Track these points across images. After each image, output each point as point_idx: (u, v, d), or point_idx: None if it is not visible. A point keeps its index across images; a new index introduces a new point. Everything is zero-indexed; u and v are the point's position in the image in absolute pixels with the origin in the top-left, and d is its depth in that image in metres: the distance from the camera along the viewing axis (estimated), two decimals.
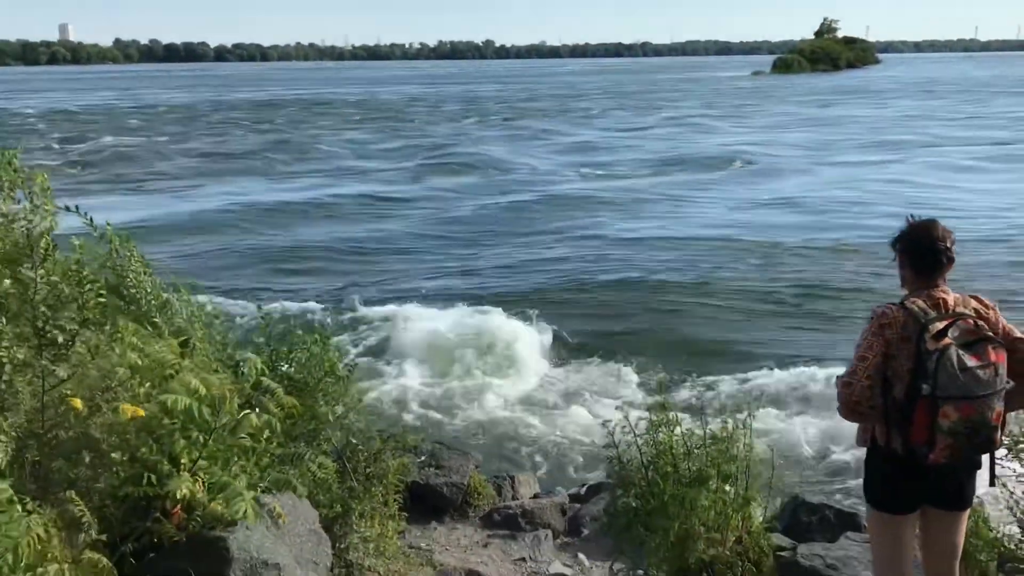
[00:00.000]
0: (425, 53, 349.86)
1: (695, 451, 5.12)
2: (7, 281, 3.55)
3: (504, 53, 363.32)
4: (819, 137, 40.90)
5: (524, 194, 25.60)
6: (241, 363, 4.88)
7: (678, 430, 5.15)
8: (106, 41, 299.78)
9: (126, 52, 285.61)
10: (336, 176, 30.86)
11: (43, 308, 3.39)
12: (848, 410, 3.40)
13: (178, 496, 3.63)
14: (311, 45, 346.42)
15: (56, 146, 40.38)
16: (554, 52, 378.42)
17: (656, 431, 5.11)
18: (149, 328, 4.45)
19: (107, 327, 3.69)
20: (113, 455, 3.43)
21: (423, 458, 6.68)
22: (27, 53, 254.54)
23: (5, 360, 3.12)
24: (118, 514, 3.66)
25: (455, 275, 16.24)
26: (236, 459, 4.12)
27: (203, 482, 3.86)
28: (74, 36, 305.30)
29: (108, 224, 4.43)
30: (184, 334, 4.81)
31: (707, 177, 28.88)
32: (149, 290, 4.77)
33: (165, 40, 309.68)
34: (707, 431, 5.20)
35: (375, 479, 5.39)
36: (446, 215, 22.85)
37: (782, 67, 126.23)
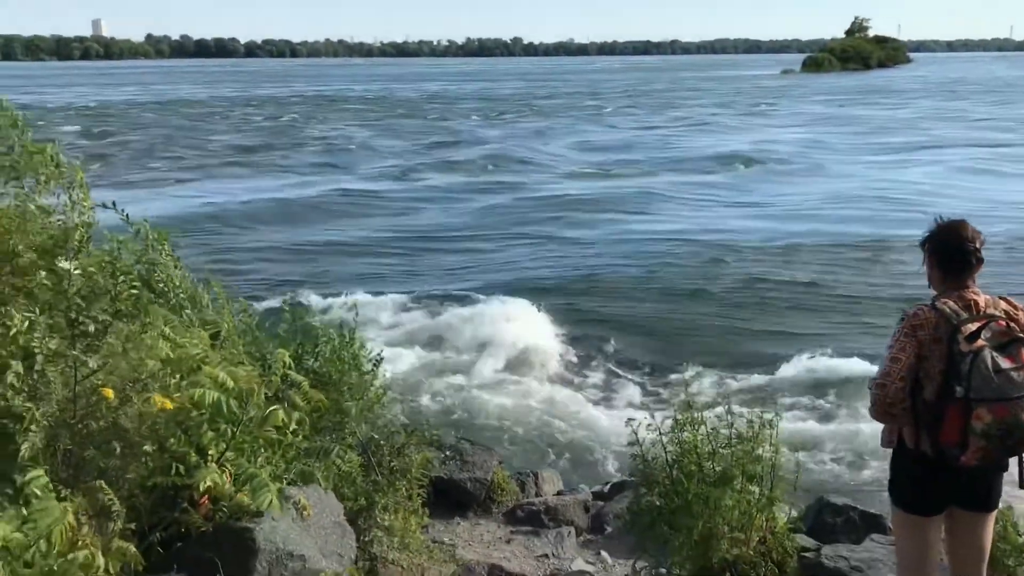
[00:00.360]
0: (453, 50, 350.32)
1: (720, 450, 5.11)
2: (42, 273, 3.62)
3: (532, 51, 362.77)
4: (835, 135, 40.55)
5: (540, 191, 25.61)
6: (268, 356, 4.93)
7: (703, 429, 5.14)
8: (138, 37, 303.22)
9: (157, 48, 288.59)
10: (352, 171, 30.97)
11: (77, 299, 3.44)
12: (882, 412, 3.37)
13: (205, 487, 3.68)
14: (340, 42, 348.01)
15: (76, 140, 40.78)
16: (582, 50, 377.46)
17: (681, 430, 5.10)
18: (179, 320, 4.52)
19: (139, 319, 3.73)
20: (144, 446, 3.47)
21: (447, 453, 6.71)
22: (61, 48, 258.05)
23: (38, 350, 3.17)
24: (146, 503, 3.72)
25: (474, 271, 16.29)
26: (262, 451, 4.18)
27: (230, 473, 3.91)
28: (107, 32, 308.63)
29: (144, 220, 4.51)
30: (214, 327, 4.88)
31: (722, 176, 28.73)
32: (179, 283, 4.85)
33: (196, 36, 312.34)
34: (732, 430, 5.18)
35: (399, 473, 5.42)
36: (463, 211, 22.91)
37: (812, 66, 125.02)
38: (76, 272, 3.45)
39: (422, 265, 17.03)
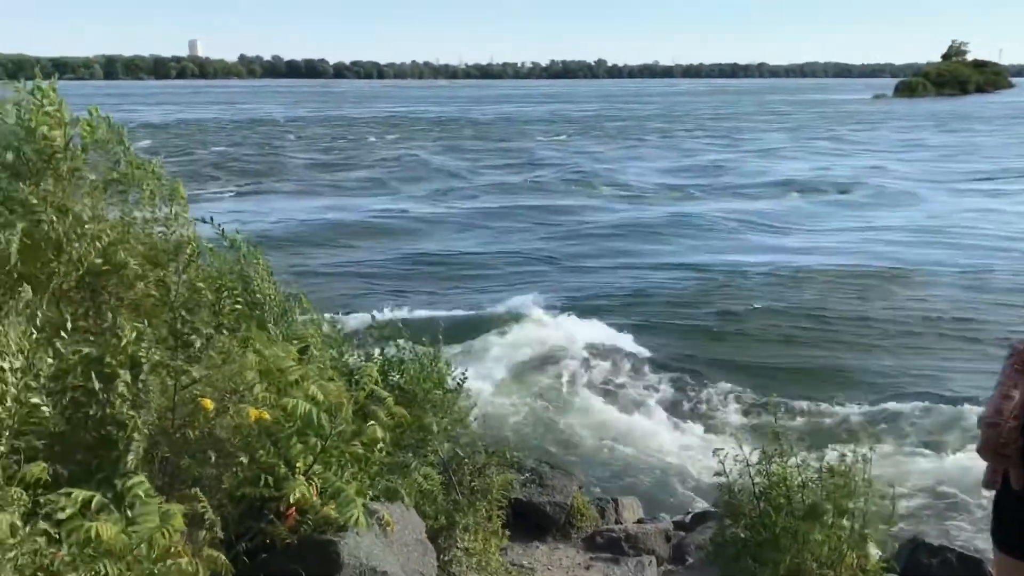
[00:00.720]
0: (536, 72, 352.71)
1: (810, 483, 4.96)
2: (141, 284, 3.74)
3: (616, 72, 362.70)
4: (925, 163, 39.34)
5: (623, 212, 25.49)
6: (355, 371, 4.99)
7: (792, 460, 5.00)
8: (232, 57, 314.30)
9: (250, 68, 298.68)
10: (420, 190, 31.31)
11: (182, 311, 3.54)
12: (993, 452, 3.20)
13: (293, 499, 3.72)
14: (426, 63, 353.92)
15: (162, 158, 42.05)
16: (667, 72, 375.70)
17: (769, 461, 4.97)
18: (271, 334, 4.61)
19: (239, 332, 3.82)
20: (239, 456, 3.54)
21: (526, 475, 6.67)
22: (158, 68, 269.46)
23: (144, 360, 3.26)
24: (234, 514, 3.78)
25: (542, 291, 16.25)
26: (349, 466, 4.22)
27: (317, 487, 3.95)
28: (202, 52, 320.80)
29: (238, 232, 4.62)
30: (303, 341, 4.97)
31: (804, 202, 28.14)
32: (272, 297, 4.95)
33: (287, 57, 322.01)
34: (823, 463, 5.03)
35: (479, 493, 5.42)
36: (530, 231, 22.94)
37: (905, 91, 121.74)
38: (183, 284, 3.54)
39: (489, 284, 17.09)
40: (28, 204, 3.13)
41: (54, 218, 3.23)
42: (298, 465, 3.95)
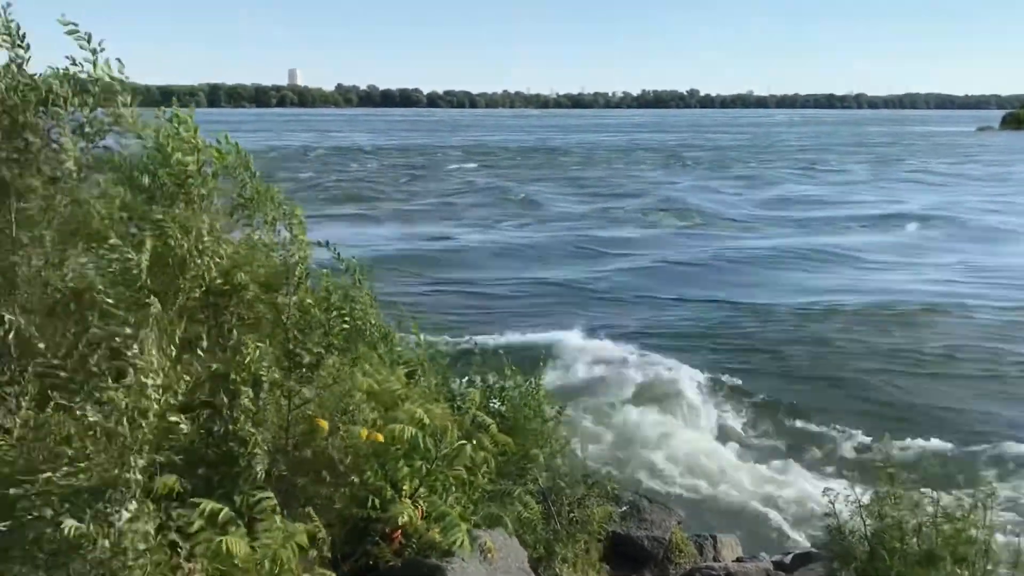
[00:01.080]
0: (628, 102, 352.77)
1: (925, 527, 4.74)
2: (261, 305, 3.85)
3: (708, 102, 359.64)
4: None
5: (704, 244, 25.08)
6: (459, 396, 5.02)
7: (906, 503, 4.79)
8: (329, 86, 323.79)
9: (346, 96, 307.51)
10: (506, 218, 31.43)
11: (295, 332, 3.62)
12: None
13: (400, 521, 3.74)
14: (517, 93, 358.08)
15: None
16: (761, 102, 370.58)
17: (882, 503, 4.78)
18: (378, 356, 4.68)
19: (349, 353, 3.89)
20: (351, 477, 3.58)
21: (624, 507, 6.58)
22: (259, 96, 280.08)
23: (265, 378, 3.35)
24: (340, 534, 3.82)
25: (637, 323, 16.07)
26: (453, 490, 4.22)
27: (421, 510, 3.97)
28: (301, 81, 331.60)
29: (352, 258, 4.72)
30: (409, 364, 5.03)
31: (905, 236, 27.20)
32: (374, 322, 5.03)
33: (383, 86, 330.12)
34: (939, 507, 4.80)
35: (579, 524, 5.37)
36: (626, 261, 22.74)
37: (1012, 122, 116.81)
38: (295, 306, 3.63)
39: (572, 314, 16.96)
40: (157, 222, 3.25)
41: (179, 236, 3.34)
42: (404, 488, 3.98)
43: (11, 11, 2.94)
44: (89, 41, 3.11)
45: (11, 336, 2.83)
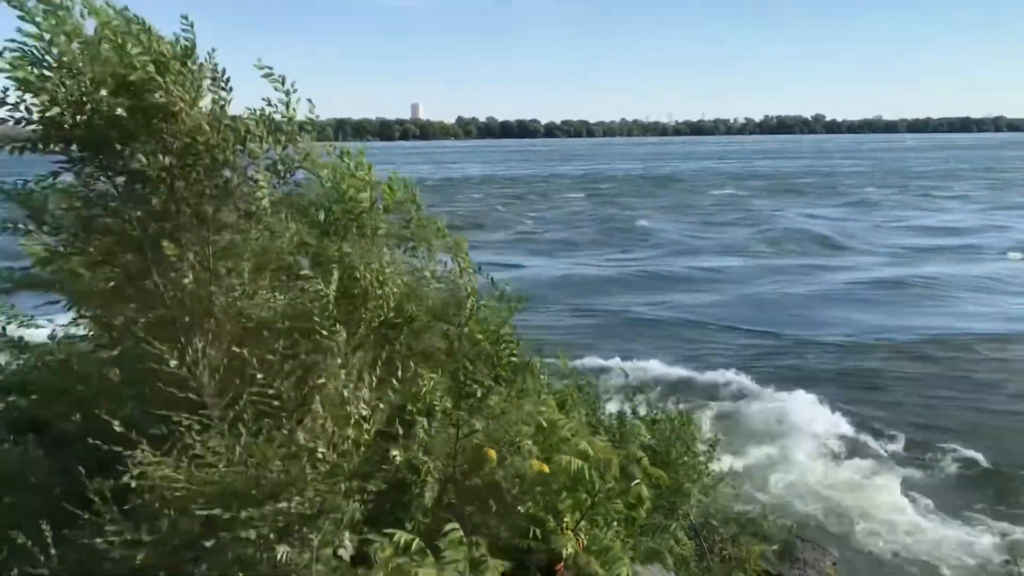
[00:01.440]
0: (749, 128, 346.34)
1: None
2: (430, 336, 3.93)
3: (835, 128, 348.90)
4: None
5: (829, 275, 24.18)
6: (613, 427, 4.99)
7: None
8: (450, 119, 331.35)
9: (466, 128, 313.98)
10: (621, 248, 31.15)
11: (465, 362, 3.68)
12: None
13: (565, 553, 3.73)
14: (635, 121, 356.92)
15: None
16: (890, 127, 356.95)
17: None
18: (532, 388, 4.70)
19: (515, 384, 3.92)
20: (518, 507, 3.60)
21: (776, 547, 6.37)
22: (383, 130, 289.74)
23: (438, 408, 3.41)
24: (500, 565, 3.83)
25: (770, 357, 15.59)
26: (613, 524, 4.18)
27: (583, 542, 3.94)
28: (423, 115, 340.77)
29: (506, 286, 4.76)
30: (561, 395, 5.03)
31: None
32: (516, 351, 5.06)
33: (501, 118, 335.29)
34: None
35: (733, 562, 5.22)
36: (746, 289, 22.19)
37: None
38: (465, 337, 3.69)
39: (703, 348, 16.61)
40: (343, 255, 3.37)
41: (362, 268, 3.45)
42: (566, 520, 3.97)
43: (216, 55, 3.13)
44: (283, 83, 3.28)
45: (203, 364, 2.97)
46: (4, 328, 5.20)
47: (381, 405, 2.96)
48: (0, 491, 3.88)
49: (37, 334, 5.31)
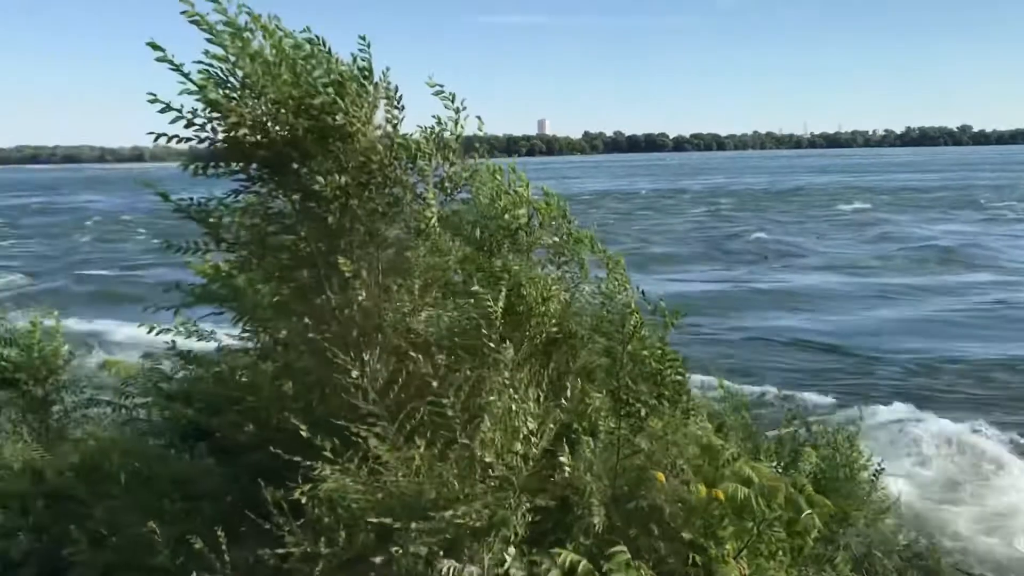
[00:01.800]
0: (890, 140, 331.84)
1: None
2: (585, 352, 3.87)
3: (982, 139, 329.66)
4: None
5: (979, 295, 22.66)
6: (768, 451, 4.78)
7: None
8: (576, 134, 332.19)
9: (592, 143, 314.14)
10: (751, 263, 30.16)
11: (627, 380, 3.59)
12: None
13: None
14: (768, 134, 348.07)
15: None
16: None
17: None
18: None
19: (680, 405, 3.81)
20: (682, 532, 3.48)
21: None
22: (510, 145, 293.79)
23: (602, 427, 3.34)
24: None
25: (937, 379, 14.70)
26: (780, 554, 4.00)
27: (745, 572, 3.78)
28: (549, 130, 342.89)
29: (661, 300, 4.66)
30: (718, 417, 4.88)
31: None
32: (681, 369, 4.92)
33: (628, 132, 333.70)
34: None
35: None
36: (909, 308, 21.02)
37: None
38: (628, 355, 3.61)
39: (837, 369, 15.83)
40: (511, 270, 3.36)
41: (527, 284, 3.43)
42: (727, 547, 3.82)
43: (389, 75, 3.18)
44: (452, 101, 3.31)
45: (380, 378, 3.00)
46: (174, 342, 5.46)
47: (551, 424, 2.91)
48: (172, 496, 4.06)
49: (199, 345, 5.55)
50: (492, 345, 3.03)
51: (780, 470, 4.38)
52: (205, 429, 4.82)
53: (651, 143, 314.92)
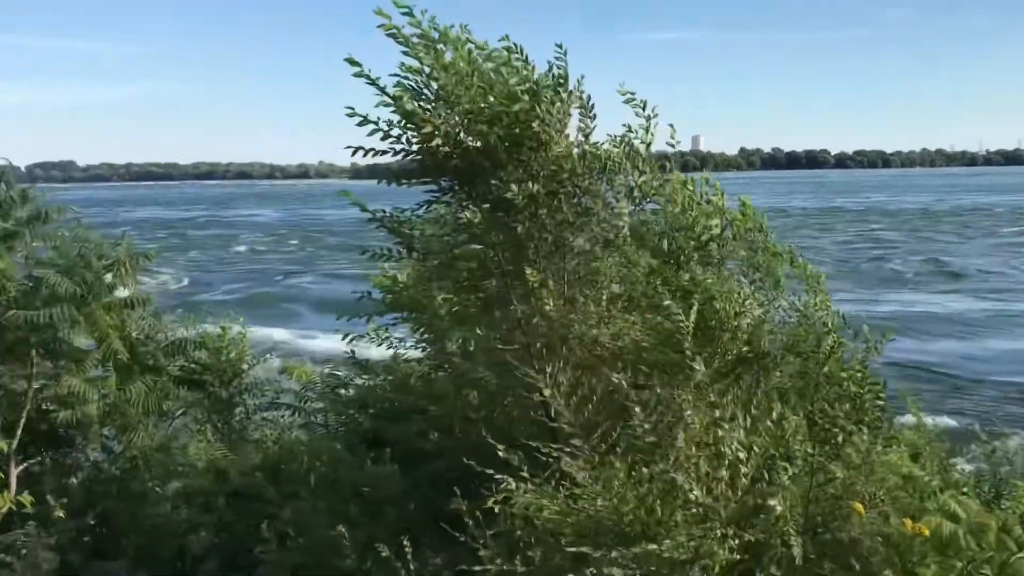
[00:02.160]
0: None
1: None
2: (777, 372, 3.67)
3: None
4: None
5: None
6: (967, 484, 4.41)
7: None
8: (732, 150, 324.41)
9: (749, 160, 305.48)
10: (904, 291, 28.48)
11: (823, 403, 3.38)
12: None
13: None
14: (938, 150, 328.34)
15: None
16: None
17: None
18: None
19: (881, 432, 3.55)
20: (884, 570, 3.23)
21: None
22: (662, 162, 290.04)
23: (798, 453, 3.15)
24: None
25: None
26: None
27: None
28: (704, 146, 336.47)
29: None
30: (912, 447, 4.54)
31: None
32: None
33: (787, 148, 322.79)
34: None
35: None
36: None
37: None
38: (824, 377, 3.40)
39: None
40: (702, 285, 3.23)
41: (720, 299, 3.29)
42: None
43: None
44: (644, 108, 3.22)
45: (577, 394, 2.94)
46: (353, 351, 5.59)
47: (756, 449, 2.75)
48: (354, 502, 4.14)
49: (375, 353, 5.67)
50: (688, 362, 2.90)
51: (986, 506, 4.01)
52: (378, 436, 4.92)
53: (812, 159, 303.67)
